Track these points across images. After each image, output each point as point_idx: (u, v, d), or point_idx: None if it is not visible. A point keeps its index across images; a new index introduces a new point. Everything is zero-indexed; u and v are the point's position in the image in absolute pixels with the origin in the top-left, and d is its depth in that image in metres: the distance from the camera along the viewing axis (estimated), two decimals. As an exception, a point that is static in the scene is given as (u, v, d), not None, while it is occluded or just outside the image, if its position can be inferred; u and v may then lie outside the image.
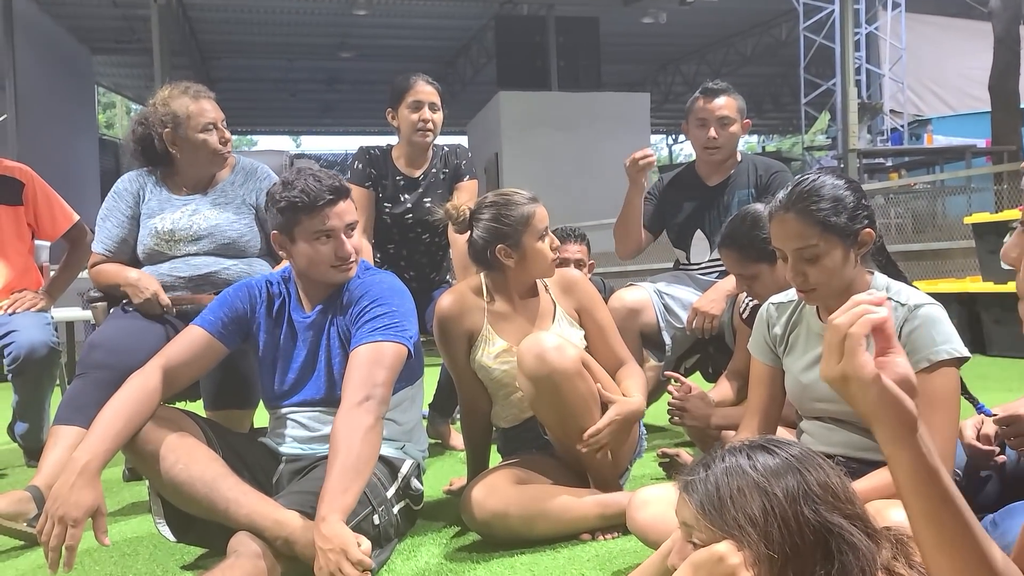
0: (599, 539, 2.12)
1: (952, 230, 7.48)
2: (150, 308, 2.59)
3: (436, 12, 14.92)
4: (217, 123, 2.74)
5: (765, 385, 1.95)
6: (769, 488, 1.14)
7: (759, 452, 1.19)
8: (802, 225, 1.68)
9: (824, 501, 1.14)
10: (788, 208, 1.69)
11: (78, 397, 2.40)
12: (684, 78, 19.53)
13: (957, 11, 14.00)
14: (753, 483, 1.14)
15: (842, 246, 1.69)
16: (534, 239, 2.28)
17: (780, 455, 1.18)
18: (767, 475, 1.15)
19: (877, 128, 13.28)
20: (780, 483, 1.14)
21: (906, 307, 1.70)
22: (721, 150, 3.08)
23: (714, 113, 3.05)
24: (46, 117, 13.29)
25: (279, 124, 25.74)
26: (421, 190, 3.23)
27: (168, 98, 2.71)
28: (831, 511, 1.13)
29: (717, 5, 14.06)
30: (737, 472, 1.17)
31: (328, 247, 2.08)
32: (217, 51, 16.80)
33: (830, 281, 1.71)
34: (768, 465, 1.16)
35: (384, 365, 1.95)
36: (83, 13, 14.22)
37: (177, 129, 2.69)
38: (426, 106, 3.14)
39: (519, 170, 13.44)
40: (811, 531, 1.11)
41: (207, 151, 2.73)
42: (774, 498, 1.13)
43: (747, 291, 2.47)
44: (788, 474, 1.15)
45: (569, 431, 2.16)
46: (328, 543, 1.66)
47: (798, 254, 1.70)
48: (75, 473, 1.77)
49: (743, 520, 1.12)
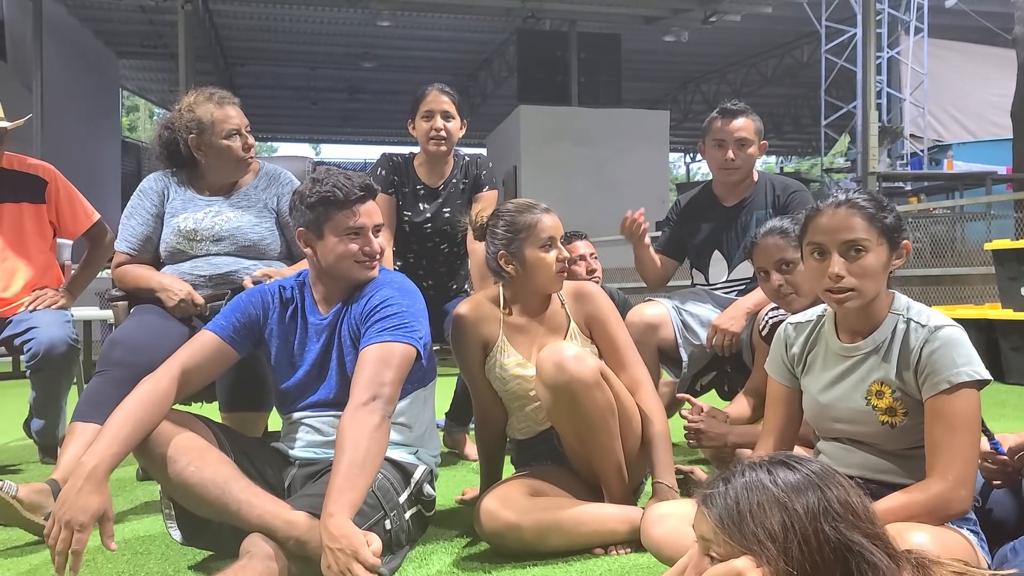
0: (612, 554, 2.10)
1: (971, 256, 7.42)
2: (185, 311, 2.60)
3: (459, 25, 15.01)
4: (241, 129, 2.76)
5: (782, 405, 1.94)
6: (789, 504, 1.13)
7: (779, 468, 1.18)
8: (855, 219, 1.71)
9: (844, 519, 1.13)
10: (840, 204, 1.73)
11: (97, 394, 2.41)
12: (704, 97, 19.55)
13: (980, 37, 13.97)
14: (773, 498, 1.14)
15: (887, 248, 1.72)
16: (535, 248, 2.26)
17: (801, 471, 1.17)
18: (787, 490, 1.14)
19: (897, 152, 13.24)
20: (801, 499, 1.13)
21: (927, 328, 1.70)
22: (739, 171, 3.07)
23: (732, 134, 3.04)
24: (71, 118, 13.43)
25: (300, 132, 25.88)
26: (441, 200, 3.24)
27: (193, 104, 2.74)
28: (851, 529, 1.12)
29: (739, 25, 14.08)
30: (757, 487, 1.16)
31: (356, 243, 2.10)
32: (241, 58, 16.94)
33: (867, 283, 1.71)
34: (789, 481, 1.16)
35: (392, 365, 1.96)
36: (111, 17, 14.39)
37: (202, 135, 2.72)
38: (438, 115, 3.14)
39: (537, 184, 13.46)
40: (831, 549, 1.11)
41: (231, 157, 2.75)
42: (794, 514, 1.12)
43: (782, 287, 2.43)
44: (809, 490, 1.15)
45: (586, 442, 2.15)
46: (337, 542, 1.66)
47: (845, 247, 1.71)
48: (82, 478, 1.78)
49: (762, 535, 1.11)
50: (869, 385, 1.75)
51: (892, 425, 1.72)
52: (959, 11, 13.17)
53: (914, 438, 1.70)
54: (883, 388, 1.73)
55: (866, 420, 1.75)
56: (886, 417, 1.73)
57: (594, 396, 2.08)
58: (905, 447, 1.73)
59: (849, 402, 1.77)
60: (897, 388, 1.71)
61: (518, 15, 13.80)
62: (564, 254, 2.30)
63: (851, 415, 1.77)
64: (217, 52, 16.00)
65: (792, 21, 14.40)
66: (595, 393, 2.08)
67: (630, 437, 2.22)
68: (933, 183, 12.64)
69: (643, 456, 2.29)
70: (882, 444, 1.76)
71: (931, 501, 1.60)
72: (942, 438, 1.63)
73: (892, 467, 1.75)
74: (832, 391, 1.80)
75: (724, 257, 3.14)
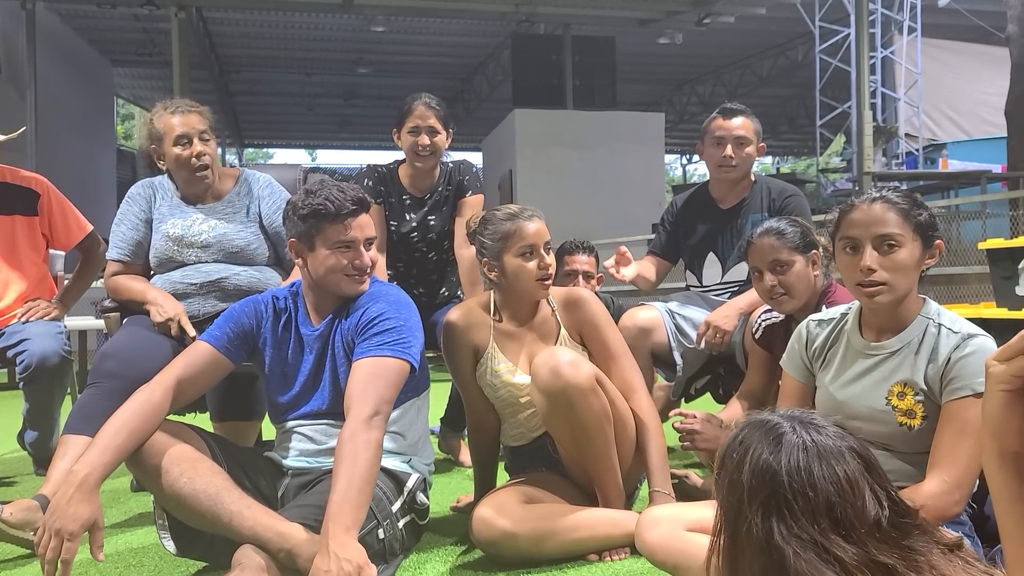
0: (607, 559, 2.10)
1: (966, 255, 7.43)
2: (165, 330, 2.58)
3: (453, 30, 15.01)
4: (192, 136, 2.74)
5: (795, 401, 1.96)
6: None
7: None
8: (889, 214, 1.72)
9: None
10: (875, 199, 1.74)
11: (88, 407, 2.41)
12: (699, 99, 19.55)
13: (973, 36, 13.99)
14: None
15: (921, 245, 1.74)
16: (513, 255, 2.25)
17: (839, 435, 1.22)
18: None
19: (892, 152, 13.25)
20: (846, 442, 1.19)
21: (959, 335, 1.71)
22: (736, 169, 3.07)
23: (732, 132, 3.05)
24: (65, 127, 13.41)
25: (296, 137, 25.87)
26: (426, 209, 3.24)
27: (154, 115, 2.79)
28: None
29: (733, 26, 14.08)
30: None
31: (347, 257, 2.09)
32: (236, 65, 16.93)
33: (898, 279, 1.72)
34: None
35: (389, 381, 1.95)
36: (104, 26, 14.36)
37: (160, 145, 2.76)
38: (423, 132, 3.14)
39: (533, 188, 13.45)
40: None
41: (183, 165, 2.74)
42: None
43: (774, 287, 2.43)
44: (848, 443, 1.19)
45: (581, 447, 2.15)
46: (338, 562, 1.63)
47: (879, 241, 1.72)
48: (73, 487, 1.78)
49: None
50: (892, 385, 1.75)
51: (910, 428, 1.73)
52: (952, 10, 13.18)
53: (929, 443, 1.70)
54: (906, 389, 1.73)
55: (884, 420, 1.75)
56: (904, 419, 1.73)
57: (590, 402, 2.08)
58: (918, 451, 1.73)
59: (868, 400, 1.77)
60: (921, 391, 1.71)
61: (512, 19, 13.79)
62: (547, 261, 2.26)
63: (869, 414, 1.77)
64: (212, 59, 15.98)
65: (786, 22, 14.39)
66: (591, 399, 2.08)
67: (625, 442, 2.22)
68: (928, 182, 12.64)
69: (638, 461, 2.29)
70: (896, 446, 1.76)
71: (926, 500, 1.60)
72: (949, 442, 1.64)
73: (901, 467, 1.75)
74: (851, 388, 1.81)
75: (719, 259, 3.14)
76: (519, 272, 2.25)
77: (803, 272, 2.43)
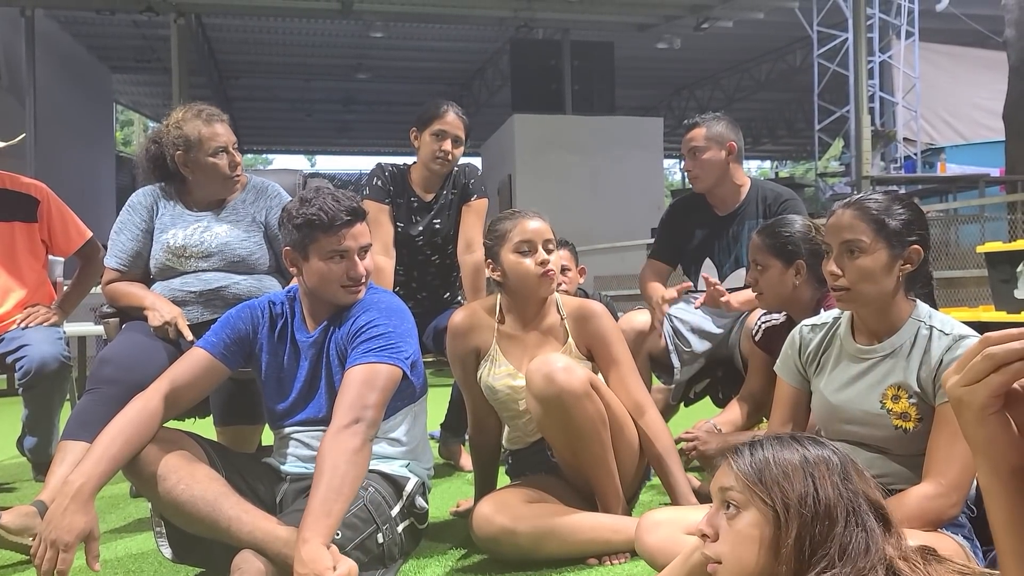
0: (606, 563, 2.10)
1: (965, 259, 7.43)
2: (166, 333, 2.58)
3: (452, 35, 15.04)
4: (228, 147, 2.75)
5: (789, 407, 1.97)
6: (810, 455, 1.27)
7: (805, 440, 1.31)
8: (855, 219, 1.74)
9: (857, 482, 1.27)
10: (849, 204, 1.77)
11: (86, 413, 2.40)
12: (698, 103, 19.57)
13: (971, 40, 14.01)
14: (799, 456, 1.27)
15: (888, 251, 1.73)
16: (511, 253, 2.26)
17: (828, 447, 1.30)
18: (810, 448, 1.29)
19: (890, 156, 13.27)
20: (823, 452, 1.28)
21: (951, 336, 1.72)
22: (699, 179, 3.11)
23: (687, 145, 3.12)
24: (64, 134, 13.42)
25: (295, 143, 25.89)
26: (433, 212, 3.24)
27: (181, 120, 2.74)
28: (857, 494, 1.25)
29: (731, 31, 14.10)
30: (784, 444, 1.30)
31: (341, 267, 2.09)
32: (235, 71, 16.95)
33: (863, 284, 1.73)
34: (811, 446, 1.30)
35: (376, 387, 1.94)
36: (104, 32, 14.38)
37: (189, 152, 2.72)
38: (450, 139, 3.13)
39: (532, 193, 13.45)
40: (837, 503, 1.23)
41: (218, 175, 2.75)
42: (814, 465, 1.26)
43: (752, 284, 2.50)
44: (832, 454, 1.28)
45: (578, 453, 2.15)
46: (305, 567, 1.64)
47: (843, 247, 1.75)
48: (68, 496, 1.77)
49: (782, 481, 1.24)
50: (885, 388, 1.75)
51: (905, 430, 1.73)
52: (949, 15, 13.22)
53: (924, 445, 1.70)
54: (900, 392, 1.73)
55: (879, 423, 1.76)
56: (899, 422, 1.73)
57: (584, 407, 2.08)
58: (914, 453, 1.73)
59: (863, 404, 1.78)
60: (915, 393, 1.72)
61: (511, 24, 13.81)
62: (544, 258, 2.26)
63: (864, 417, 1.78)
64: (211, 65, 16.01)
65: (784, 26, 14.42)
66: (585, 404, 2.08)
67: (623, 447, 2.22)
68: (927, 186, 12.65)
69: (638, 466, 2.29)
70: (892, 448, 1.76)
71: (922, 504, 1.61)
72: (944, 444, 1.64)
73: (899, 472, 1.75)
74: (845, 392, 1.81)
75: (715, 265, 3.15)
76: (516, 268, 2.25)
77: (777, 278, 2.44)
